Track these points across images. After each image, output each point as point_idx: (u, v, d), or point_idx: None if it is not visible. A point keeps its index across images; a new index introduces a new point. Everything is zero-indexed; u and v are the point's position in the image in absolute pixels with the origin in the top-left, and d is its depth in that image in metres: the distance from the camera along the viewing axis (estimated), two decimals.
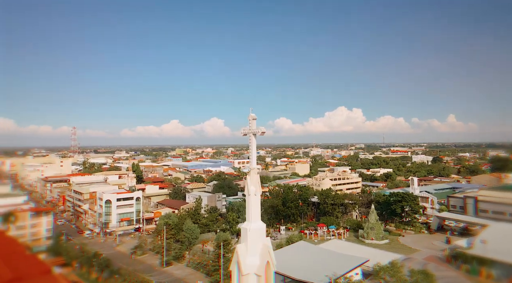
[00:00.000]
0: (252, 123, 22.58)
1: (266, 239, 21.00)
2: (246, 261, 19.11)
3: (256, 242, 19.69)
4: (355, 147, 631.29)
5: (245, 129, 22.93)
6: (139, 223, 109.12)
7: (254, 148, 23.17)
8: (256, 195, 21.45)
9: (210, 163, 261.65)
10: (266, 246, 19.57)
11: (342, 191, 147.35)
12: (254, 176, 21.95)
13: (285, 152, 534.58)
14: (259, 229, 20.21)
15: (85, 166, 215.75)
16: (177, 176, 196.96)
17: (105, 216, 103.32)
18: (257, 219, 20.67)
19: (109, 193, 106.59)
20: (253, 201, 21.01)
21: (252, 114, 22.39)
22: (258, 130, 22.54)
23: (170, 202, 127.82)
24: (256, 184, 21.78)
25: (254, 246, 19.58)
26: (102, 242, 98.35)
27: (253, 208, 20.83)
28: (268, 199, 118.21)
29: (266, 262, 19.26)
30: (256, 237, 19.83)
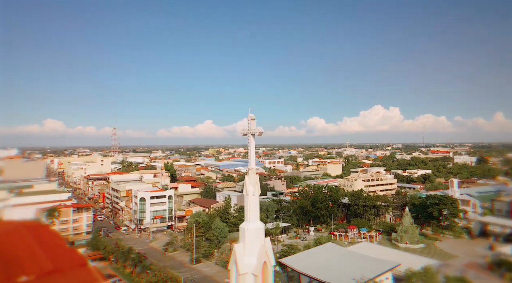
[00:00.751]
0: (251, 123, 22.64)
1: (266, 239, 20.94)
2: (244, 260, 19.19)
3: (253, 242, 19.70)
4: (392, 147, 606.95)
5: (245, 129, 23.04)
6: (172, 221, 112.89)
7: (253, 148, 23.27)
8: (255, 195, 21.48)
9: (241, 163, 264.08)
10: (263, 246, 19.53)
11: (375, 192, 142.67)
12: (253, 176, 22.01)
13: (318, 152, 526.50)
14: (256, 229, 20.20)
15: (124, 165, 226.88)
16: (209, 175, 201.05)
17: (140, 213, 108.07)
18: (255, 219, 20.69)
19: (143, 191, 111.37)
20: (251, 201, 21.10)
21: (250, 114, 22.48)
22: (256, 131, 22.56)
23: (201, 201, 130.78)
24: (255, 185, 21.81)
25: (252, 246, 19.60)
26: (137, 238, 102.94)
27: (251, 208, 20.90)
28: (297, 199, 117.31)
29: (264, 262, 19.22)
30: (254, 237, 19.84)
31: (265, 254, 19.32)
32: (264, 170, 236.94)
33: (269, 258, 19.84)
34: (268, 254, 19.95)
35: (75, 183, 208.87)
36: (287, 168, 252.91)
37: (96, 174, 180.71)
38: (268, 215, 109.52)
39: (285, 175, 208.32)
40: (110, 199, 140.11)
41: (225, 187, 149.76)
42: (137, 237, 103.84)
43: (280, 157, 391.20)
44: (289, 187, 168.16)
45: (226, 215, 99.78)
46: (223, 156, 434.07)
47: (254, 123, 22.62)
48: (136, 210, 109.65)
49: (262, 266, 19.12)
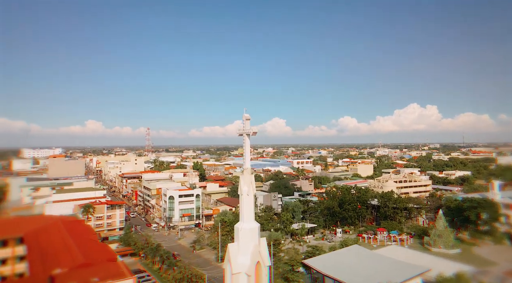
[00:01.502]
0: (246, 123, 22.60)
1: (262, 239, 20.72)
2: (237, 260, 19.10)
3: (247, 242, 19.56)
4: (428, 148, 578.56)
5: (240, 129, 23.03)
6: (199, 219, 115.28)
7: (247, 148, 23.22)
8: (249, 195, 21.34)
9: (269, 163, 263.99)
10: (257, 246, 19.34)
11: (408, 194, 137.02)
12: (247, 176, 21.90)
13: (348, 152, 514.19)
14: (250, 229, 20.03)
15: (155, 164, 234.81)
16: (237, 174, 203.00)
17: (169, 211, 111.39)
18: (249, 219, 20.52)
19: (172, 189, 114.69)
20: (245, 201, 21.05)
21: (245, 114, 22.41)
22: (250, 130, 22.47)
23: (229, 200, 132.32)
24: (249, 184, 21.68)
25: (246, 246, 19.46)
26: (166, 235, 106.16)
27: (245, 208, 20.82)
28: (324, 200, 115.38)
29: (257, 262, 19.01)
30: (248, 237, 19.70)
31: (259, 254, 19.19)
32: (292, 170, 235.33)
33: (263, 258, 19.68)
34: (262, 254, 19.80)
35: (111, 181, 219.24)
36: (316, 169, 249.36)
37: (130, 173, 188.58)
38: (294, 215, 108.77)
39: (314, 176, 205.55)
40: (142, 197, 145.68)
41: None
42: (166, 234, 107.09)
43: (309, 157, 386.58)
44: (317, 187, 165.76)
45: None
46: (251, 155, 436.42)
47: (248, 123, 22.68)
48: (165, 208, 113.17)
49: (256, 266, 19.02)
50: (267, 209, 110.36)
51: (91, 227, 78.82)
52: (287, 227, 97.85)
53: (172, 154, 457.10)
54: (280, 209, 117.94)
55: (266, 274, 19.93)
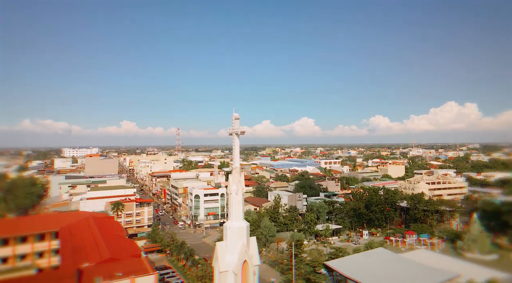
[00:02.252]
0: (235, 123, 22.71)
1: (251, 238, 20.71)
2: (225, 258, 19.27)
3: (235, 240, 19.65)
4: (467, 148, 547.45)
5: (230, 129, 23.16)
6: (224, 218, 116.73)
7: (237, 148, 23.36)
8: (238, 194, 21.43)
9: (296, 163, 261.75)
10: (244, 245, 19.33)
11: (441, 196, 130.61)
12: (236, 175, 22.06)
13: (380, 152, 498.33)
14: (238, 228, 20.11)
15: (184, 164, 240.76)
16: (262, 174, 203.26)
17: (195, 210, 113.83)
18: (238, 218, 20.59)
19: (197, 188, 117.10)
20: (234, 199, 21.29)
21: (235, 114, 22.52)
22: (238, 130, 22.55)
23: (253, 200, 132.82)
24: (238, 183, 21.74)
25: (233, 245, 19.58)
26: (192, 233, 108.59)
27: (234, 207, 21.05)
28: (350, 201, 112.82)
29: (244, 261, 19.06)
30: (235, 235, 19.80)
31: (246, 253, 19.24)
32: (320, 170, 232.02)
33: (250, 257, 19.69)
34: (250, 254, 19.81)
35: (141, 180, 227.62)
36: (344, 169, 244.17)
37: (159, 172, 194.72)
38: (319, 216, 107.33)
39: (341, 176, 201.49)
40: (170, 195, 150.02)
41: (278, 187, 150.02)
42: (192, 232, 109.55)
43: (337, 157, 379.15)
44: (344, 188, 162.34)
45: (275, 215, 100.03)
46: (279, 155, 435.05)
47: (237, 122, 22.82)
48: (191, 206, 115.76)
49: (243, 265, 19.12)
50: (291, 209, 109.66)
51: (119, 223, 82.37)
52: (311, 227, 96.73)
53: (201, 153, 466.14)
54: (305, 209, 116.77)
55: (254, 273, 19.97)
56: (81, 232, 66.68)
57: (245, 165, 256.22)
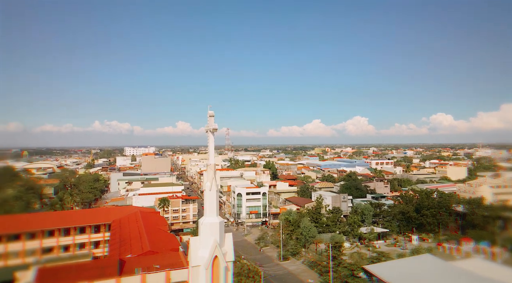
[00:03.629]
0: (210, 120, 22.69)
1: (227, 235, 20.69)
2: (198, 253, 19.42)
3: (207, 236, 19.72)
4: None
5: (206, 127, 23.16)
6: (266, 217, 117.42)
7: (211, 145, 23.39)
8: (211, 191, 21.50)
9: (345, 163, 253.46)
10: (215, 241, 19.25)
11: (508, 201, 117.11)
12: (211, 172, 22.14)
13: (440, 153, 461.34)
14: (211, 224, 20.17)
15: (231, 162, 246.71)
16: (308, 174, 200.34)
17: (237, 208, 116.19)
18: (211, 214, 20.63)
19: (240, 187, 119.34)
20: (207, 196, 21.59)
21: (210, 111, 22.52)
22: (211, 127, 22.55)
23: (297, 200, 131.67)
24: (212, 180, 21.79)
25: (206, 240, 19.66)
26: (234, 231, 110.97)
27: (207, 203, 21.30)
28: (399, 204, 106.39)
29: (215, 257, 19.06)
30: (208, 231, 19.87)
31: (217, 249, 19.28)
32: (370, 171, 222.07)
33: (223, 253, 19.66)
34: (224, 249, 19.81)
35: (191, 178, 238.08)
36: (397, 170, 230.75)
37: None
38: (364, 218, 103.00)
39: (393, 178, 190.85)
40: None
41: (323, 187, 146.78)
42: (234, 230, 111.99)
43: (391, 157, 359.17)
44: (396, 190, 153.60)
45: (317, 215, 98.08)
46: (328, 155, 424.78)
47: (212, 119, 22.95)
48: (234, 204, 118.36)
49: (213, 261, 19.23)
50: (334, 210, 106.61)
51: (164, 218, 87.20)
52: (354, 230, 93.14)
53: (250, 153, 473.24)
54: (349, 211, 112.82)
55: (228, 269, 19.97)
56: (129, 225, 71.93)
57: (291, 165, 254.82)
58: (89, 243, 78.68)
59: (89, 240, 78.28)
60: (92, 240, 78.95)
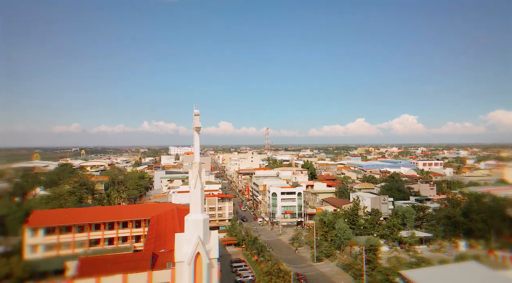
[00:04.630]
0: (195, 119, 22.39)
1: (213, 232, 20.31)
2: (182, 249, 19.30)
3: (192, 233, 19.53)
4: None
5: (193, 125, 22.95)
6: (301, 217, 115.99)
7: (197, 143, 23.05)
8: (196, 188, 21.21)
9: (388, 164, 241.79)
10: (198, 238, 18.96)
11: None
12: (195, 170, 21.90)
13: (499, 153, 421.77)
14: (195, 221, 19.95)
15: (269, 162, 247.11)
16: (348, 175, 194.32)
17: (272, 207, 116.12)
18: (196, 211, 20.39)
19: (275, 186, 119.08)
20: (192, 194, 21.40)
21: (195, 110, 22.24)
22: (194, 126, 22.22)
23: (334, 200, 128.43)
24: (196, 178, 21.54)
25: (191, 237, 19.48)
26: (269, 230, 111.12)
27: (192, 201, 21.10)
28: (444, 207, 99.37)
29: (197, 253, 18.77)
30: (192, 228, 19.68)
31: (200, 246, 19.09)
32: (416, 172, 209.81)
33: (207, 250, 19.44)
34: (209, 246, 19.58)
35: (230, 176, 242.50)
36: (446, 171, 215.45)
37: (245, 169, 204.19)
38: (405, 221, 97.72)
39: (442, 179, 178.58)
40: (252, 192, 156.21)
41: (362, 188, 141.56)
42: (269, 229, 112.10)
43: (442, 158, 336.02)
44: (444, 192, 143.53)
45: (353, 217, 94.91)
46: (371, 156, 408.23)
47: (197, 118, 22.75)
48: (269, 204, 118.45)
49: (196, 257, 19.08)
50: (373, 212, 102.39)
51: None
52: (393, 233, 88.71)
53: (290, 153, 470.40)
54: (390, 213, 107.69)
55: (212, 265, 19.85)
56: (165, 221, 75.22)
57: (331, 165, 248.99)
58: (131, 237, 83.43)
59: (130, 234, 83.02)
60: (133, 234, 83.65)
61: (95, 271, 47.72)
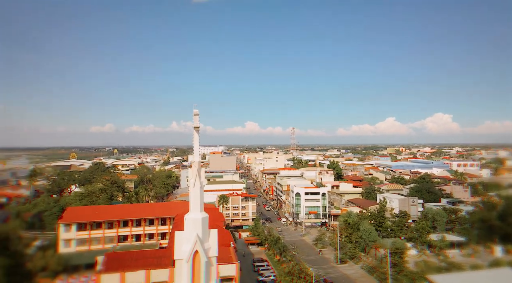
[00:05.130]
0: (195, 119, 22.25)
1: (212, 231, 20.17)
2: (182, 247, 19.37)
3: (191, 231, 19.53)
4: None
5: (193, 125, 22.85)
6: (326, 218, 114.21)
7: (196, 143, 22.90)
8: (195, 187, 21.17)
9: (420, 164, 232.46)
10: (196, 237, 18.89)
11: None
12: (194, 169, 21.93)
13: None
14: (193, 219, 19.92)
15: (294, 162, 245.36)
16: (376, 175, 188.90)
17: (296, 207, 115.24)
18: (195, 210, 20.35)
19: (299, 186, 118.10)
20: (192, 192, 21.54)
21: (195, 110, 22.11)
22: (194, 125, 22.07)
23: (360, 201, 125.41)
24: (195, 177, 21.49)
25: (190, 235, 19.51)
26: (293, 230, 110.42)
27: (192, 199, 21.16)
28: (478, 210, 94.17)
29: (195, 251, 18.74)
30: (191, 226, 19.69)
31: (198, 244, 19.08)
32: (450, 173, 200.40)
33: (206, 248, 19.39)
34: (207, 245, 19.52)
35: (255, 176, 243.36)
36: (483, 172, 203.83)
37: (269, 169, 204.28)
38: (435, 224, 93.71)
39: (479, 181, 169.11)
40: (276, 192, 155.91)
41: (390, 189, 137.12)
42: (293, 230, 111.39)
43: (480, 159, 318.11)
44: (479, 195, 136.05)
45: (380, 219, 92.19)
46: (402, 156, 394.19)
47: (196, 118, 22.68)
48: (293, 204, 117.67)
49: (194, 255, 19.12)
50: (401, 214, 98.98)
51: (221, 214, 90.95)
52: (422, 236, 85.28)
53: (316, 153, 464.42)
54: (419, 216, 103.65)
55: (211, 264, 19.85)
56: None
57: (358, 166, 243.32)
58: (157, 234, 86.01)
59: (156, 231, 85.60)
60: (159, 232, 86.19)
61: (120, 266, 49.81)
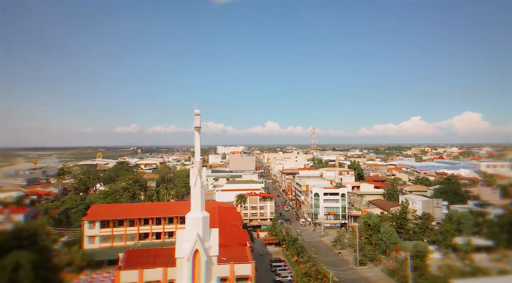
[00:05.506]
0: (196, 119, 22.03)
1: (213, 230, 19.89)
2: (182, 245, 19.25)
3: (192, 230, 19.37)
4: None
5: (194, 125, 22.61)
6: (345, 219, 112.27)
7: (198, 143, 22.71)
8: (196, 187, 20.99)
9: (446, 165, 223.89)
10: (196, 236, 18.66)
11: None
12: (196, 169, 21.75)
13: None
14: (194, 219, 19.78)
15: (314, 162, 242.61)
16: (399, 176, 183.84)
17: (314, 208, 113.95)
18: (196, 209, 20.18)
19: (317, 187, 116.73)
20: (193, 192, 21.46)
21: (196, 110, 21.86)
22: (195, 125, 21.83)
23: (382, 203, 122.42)
24: (196, 177, 21.34)
25: (190, 234, 19.37)
26: (311, 231, 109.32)
27: (193, 199, 21.07)
28: (508, 213, 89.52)
29: (195, 250, 18.54)
30: (191, 225, 19.56)
31: (198, 243, 18.92)
32: (478, 174, 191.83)
33: (206, 247, 19.22)
34: (208, 244, 19.35)
35: (274, 176, 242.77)
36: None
37: (288, 169, 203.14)
38: (461, 227, 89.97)
39: (509, 182, 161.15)
40: (295, 192, 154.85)
41: (413, 190, 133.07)
42: (311, 230, 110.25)
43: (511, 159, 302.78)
44: (510, 197, 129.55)
45: (401, 221, 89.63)
46: (427, 156, 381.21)
47: (197, 118, 22.50)
48: (311, 204, 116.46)
49: (194, 254, 18.98)
50: (424, 216, 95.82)
51: (239, 214, 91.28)
52: (447, 239, 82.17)
53: (337, 152, 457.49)
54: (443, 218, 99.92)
55: (212, 262, 19.70)
56: None
57: (380, 166, 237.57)
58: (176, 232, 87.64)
59: (176, 230, 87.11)
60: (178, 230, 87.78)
61: (139, 263, 51.09)
